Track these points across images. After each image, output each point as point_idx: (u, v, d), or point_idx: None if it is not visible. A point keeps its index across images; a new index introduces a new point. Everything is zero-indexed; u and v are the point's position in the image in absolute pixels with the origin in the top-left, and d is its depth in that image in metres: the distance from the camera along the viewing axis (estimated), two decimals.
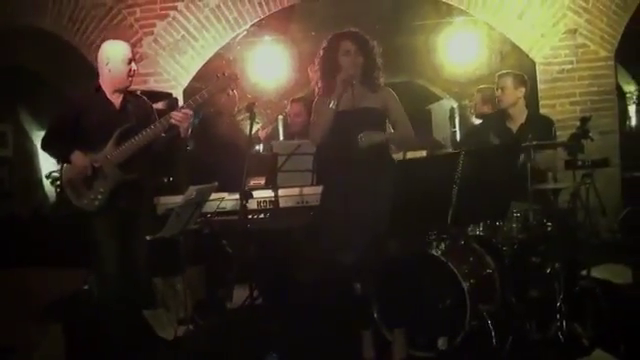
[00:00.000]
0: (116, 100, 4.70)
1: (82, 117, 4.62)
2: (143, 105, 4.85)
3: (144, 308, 5.12)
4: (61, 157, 4.70)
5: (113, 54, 4.67)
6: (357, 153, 4.24)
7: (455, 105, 11.71)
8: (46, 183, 9.75)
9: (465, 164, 3.89)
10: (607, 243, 6.01)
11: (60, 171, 4.76)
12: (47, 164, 9.80)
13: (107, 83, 4.69)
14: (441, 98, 12.58)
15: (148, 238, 4.74)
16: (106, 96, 4.68)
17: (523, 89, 5.46)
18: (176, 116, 4.60)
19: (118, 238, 4.65)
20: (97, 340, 4.54)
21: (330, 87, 4.37)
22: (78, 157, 4.54)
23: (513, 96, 5.43)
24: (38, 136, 9.89)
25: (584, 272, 4.85)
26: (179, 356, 4.82)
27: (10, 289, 5.03)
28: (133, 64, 4.70)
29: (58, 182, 8.78)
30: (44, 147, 4.79)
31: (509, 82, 5.44)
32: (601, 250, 5.60)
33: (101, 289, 4.80)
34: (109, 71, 4.66)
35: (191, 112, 4.64)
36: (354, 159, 4.26)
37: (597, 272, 5.01)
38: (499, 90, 5.50)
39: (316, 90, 4.53)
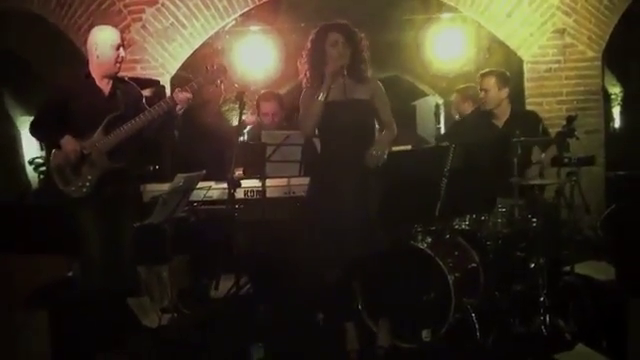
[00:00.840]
0: (105, 86, 4.68)
1: (71, 103, 4.59)
2: (132, 92, 4.83)
3: (128, 296, 5.11)
4: (50, 142, 4.66)
5: (101, 40, 4.65)
6: (347, 145, 4.27)
7: (441, 102, 11.74)
8: (29, 169, 9.71)
9: (454, 158, 3.92)
10: (590, 240, 6.06)
11: (46, 157, 4.74)
12: (30, 150, 9.75)
13: (96, 69, 4.67)
14: (427, 94, 12.60)
15: (136, 225, 4.73)
16: (95, 82, 4.66)
17: (507, 89, 5.45)
18: (181, 97, 4.61)
19: (103, 225, 4.64)
20: (81, 327, 4.52)
21: (318, 79, 4.38)
22: (68, 141, 4.51)
23: (497, 98, 5.42)
24: (22, 122, 9.82)
25: (567, 268, 4.89)
26: (163, 344, 4.81)
27: None
28: (121, 50, 4.68)
29: (41, 168, 8.80)
30: (33, 131, 4.76)
31: (492, 83, 5.41)
32: (584, 247, 5.66)
33: (85, 276, 4.79)
34: (97, 57, 4.64)
35: (191, 95, 4.63)
36: (344, 151, 4.28)
37: (580, 268, 5.06)
38: (482, 92, 5.48)
39: (304, 82, 4.52)
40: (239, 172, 5.49)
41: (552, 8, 7.07)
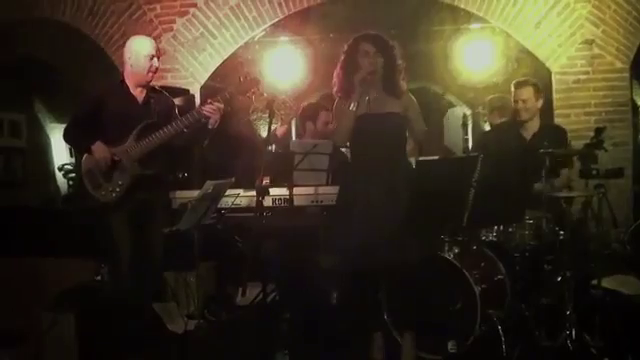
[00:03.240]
0: (139, 95, 4.76)
1: (105, 109, 4.68)
2: (165, 101, 4.90)
3: (155, 301, 5.16)
4: (82, 147, 4.73)
5: (136, 49, 4.74)
6: (379, 157, 4.29)
7: (469, 112, 11.69)
8: (59, 175, 9.83)
9: (483, 168, 3.91)
10: (617, 254, 6.00)
11: (76, 163, 4.82)
12: (60, 156, 9.87)
13: (129, 78, 4.77)
14: (454, 105, 12.55)
15: (165, 231, 4.78)
16: (129, 90, 4.74)
17: (542, 100, 5.46)
18: (208, 109, 4.65)
19: (133, 230, 4.70)
20: (108, 330, 4.57)
21: (349, 89, 4.38)
22: (99, 148, 4.58)
23: (534, 108, 5.41)
24: (52, 128, 9.94)
25: (594, 282, 4.84)
26: (188, 350, 4.84)
27: (22, 277, 5.07)
28: (155, 60, 4.75)
29: (71, 175, 8.92)
30: (66, 137, 4.87)
31: (531, 93, 5.39)
32: (611, 260, 5.60)
33: (114, 280, 4.85)
34: (131, 66, 4.73)
35: (222, 105, 4.68)
36: (376, 163, 4.30)
37: (607, 282, 5.00)
38: (520, 102, 5.42)
39: (334, 92, 4.53)
40: (266, 180, 5.53)
41: (581, 19, 7.03)
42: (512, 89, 5.54)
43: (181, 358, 4.76)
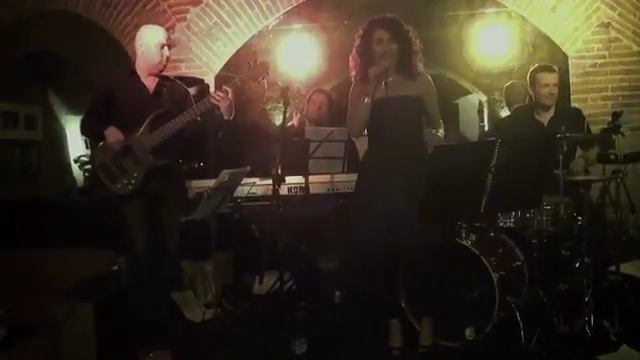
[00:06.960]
0: (150, 84, 4.74)
1: (115, 99, 4.66)
2: (178, 90, 4.87)
3: (173, 290, 5.17)
4: (98, 136, 4.72)
5: (147, 38, 4.72)
6: (395, 142, 4.27)
7: (484, 99, 11.61)
8: (74, 167, 9.87)
9: (500, 153, 3.88)
10: (635, 240, 5.96)
11: (92, 155, 4.82)
12: (76, 148, 9.92)
13: (141, 67, 4.75)
14: (469, 92, 12.47)
15: (181, 220, 4.78)
16: (140, 79, 4.72)
17: None
18: (217, 95, 4.65)
19: (149, 220, 4.69)
20: (126, 320, 4.59)
21: (366, 75, 4.34)
22: (112, 131, 4.56)
23: (557, 93, 5.38)
24: (67, 120, 9.99)
25: (613, 268, 4.81)
26: (207, 339, 4.86)
27: (39, 270, 5.09)
28: (166, 49, 4.73)
29: (86, 166, 8.95)
30: (82, 131, 4.90)
31: (557, 78, 5.35)
32: (629, 246, 5.56)
33: (131, 270, 4.85)
34: (142, 54, 4.72)
35: (229, 89, 4.67)
36: (392, 148, 4.28)
37: (625, 268, 4.97)
38: (552, 86, 5.34)
39: (352, 76, 4.49)
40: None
41: (596, 1, 6.93)
42: (537, 74, 5.41)
43: (199, 347, 4.76)
